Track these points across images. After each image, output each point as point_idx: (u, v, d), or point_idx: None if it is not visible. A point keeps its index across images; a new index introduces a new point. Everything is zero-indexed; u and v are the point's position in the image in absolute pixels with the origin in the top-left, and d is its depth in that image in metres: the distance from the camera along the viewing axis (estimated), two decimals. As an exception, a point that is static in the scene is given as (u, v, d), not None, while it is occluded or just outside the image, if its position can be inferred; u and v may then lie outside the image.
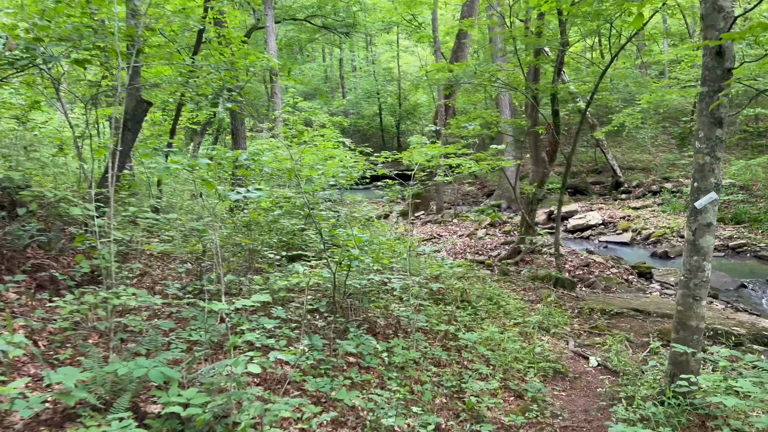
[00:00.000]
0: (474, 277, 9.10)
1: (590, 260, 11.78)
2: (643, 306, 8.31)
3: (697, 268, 4.54)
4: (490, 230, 14.55)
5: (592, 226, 16.21)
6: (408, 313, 5.36)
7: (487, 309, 7.29)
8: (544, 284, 9.43)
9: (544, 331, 6.89)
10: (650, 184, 19.10)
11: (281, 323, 5.14)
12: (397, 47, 30.86)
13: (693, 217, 4.53)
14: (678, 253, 13.22)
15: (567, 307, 8.22)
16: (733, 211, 14.81)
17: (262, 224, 7.86)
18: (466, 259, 12.30)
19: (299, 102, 13.02)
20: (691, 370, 4.59)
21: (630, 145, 23.43)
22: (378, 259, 4.60)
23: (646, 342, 6.83)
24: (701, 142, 4.49)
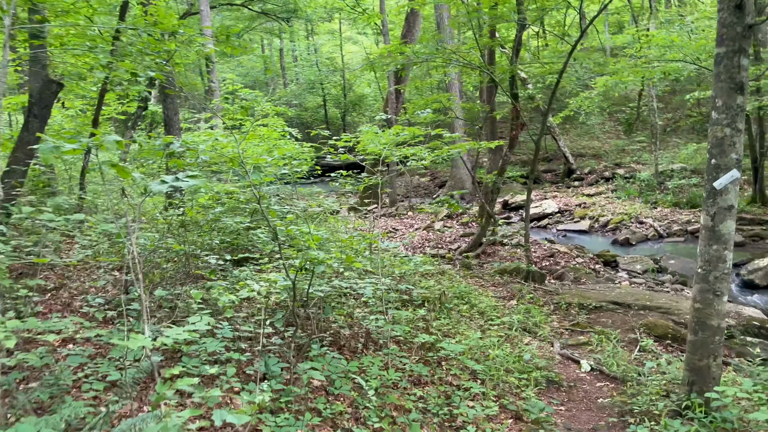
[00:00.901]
0: (440, 274, 8.38)
1: (554, 250, 11.29)
2: (621, 298, 7.79)
3: (718, 258, 3.91)
4: (447, 222, 13.89)
5: (549, 215, 15.82)
6: (381, 324, 4.54)
7: (460, 309, 6.56)
8: (513, 278, 8.80)
9: (525, 332, 6.21)
10: (602, 171, 18.96)
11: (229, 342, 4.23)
12: (339, 36, 29.84)
13: (711, 199, 3.90)
14: (639, 239, 12.95)
15: (542, 302, 7.59)
16: (688, 196, 14.70)
17: (201, 224, 6.88)
18: (425, 253, 11.58)
19: (239, 89, 11.94)
20: (712, 377, 3.97)
21: (578, 132, 23.36)
22: (350, 262, 3.76)
23: (633, 339, 6.27)
24: (719, 112, 3.85)
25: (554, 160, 21.50)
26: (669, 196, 15.12)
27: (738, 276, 10.03)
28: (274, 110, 14.05)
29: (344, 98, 29.62)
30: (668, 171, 16.52)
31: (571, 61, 10.00)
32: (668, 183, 15.85)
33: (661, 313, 7.13)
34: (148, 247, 5.57)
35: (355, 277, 4.72)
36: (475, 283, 8.54)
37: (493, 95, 11.29)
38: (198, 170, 7.40)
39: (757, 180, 13.05)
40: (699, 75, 20.26)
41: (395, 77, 14.44)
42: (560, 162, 20.48)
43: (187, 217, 6.45)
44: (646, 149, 19.44)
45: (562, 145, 19.37)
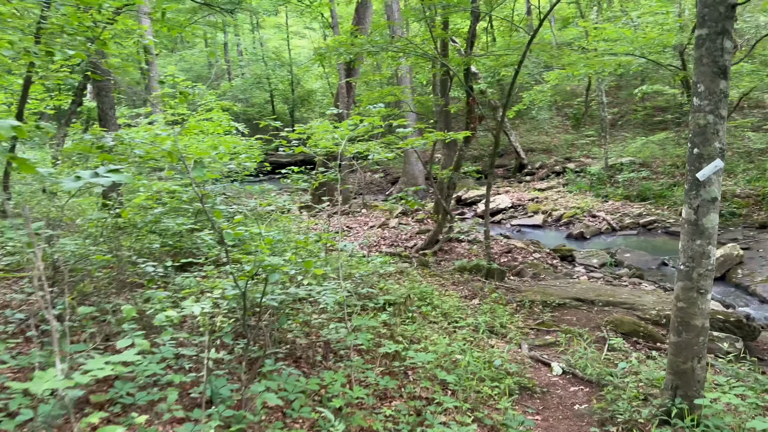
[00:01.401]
0: (400, 274, 8.02)
1: (512, 246, 11.12)
2: (583, 294, 7.62)
3: (702, 254, 3.67)
4: (403, 219, 13.56)
5: (503, 210, 15.74)
6: (342, 334, 4.12)
7: (423, 311, 6.21)
8: (473, 276, 8.52)
9: (491, 334, 5.91)
10: (553, 165, 19.06)
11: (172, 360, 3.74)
12: (286, 30, 29.07)
13: (694, 191, 3.66)
14: (593, 233, 12.96)
15: (505, 300, 7.33)
16: (638, 189, 14.87)
17: (139, 226, 6.29)
18: (380, 251, 11.21)
19: (180, 82, 11.25)
20: (697, 380, 3.74)
21: (528, 127, 23.50)
22: (308, 267, 3.32)
23: (600, 337, 6.07)
24: (701, 98, 3.61)
25: (506, 155, 21.52)
26: (619, 189, 15.27)
27: (692, 268, 10.10)
28: (219, 105, 13.37)
29: (292, 93, 28.89)
30: (618, 165, 16.72)
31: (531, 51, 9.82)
32: (618, 176, 16.03)
33: (626, 309, 6.98)
34: (77, 254, 4.97)
35: (313, 282, 4.28)
36: (435, 282, 8.22)
37: (447, 89, 11.01)
38: (134, 167, 6.78)
39: (705, 172, 13.27)
40: (644, 70, 20.68)
41: (346, 70, 13.98)
42: (512, 157, 20.50)
43: (123, 219, 5.87)
44: (595, 143, 19.68)
45: (513, 139, 19.38)
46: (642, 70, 20.58)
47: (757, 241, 10.88)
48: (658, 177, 15.47)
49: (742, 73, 11.62)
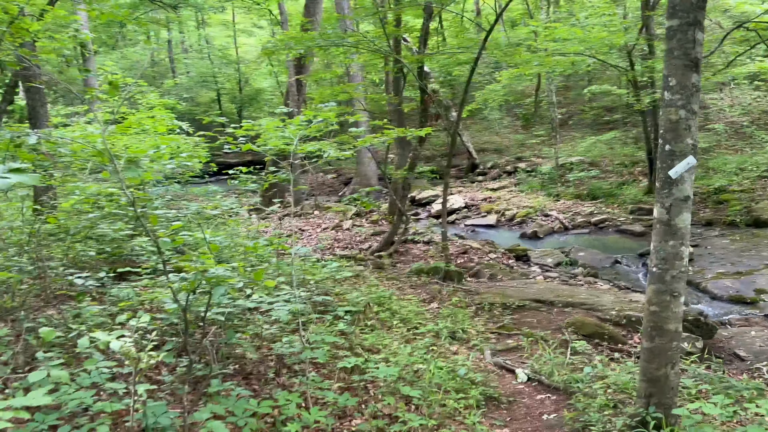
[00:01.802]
0: (355, 277, 7.71)
1: (467, 246, 10.98)
2: (542, 295, 7.50)
3: (675, 255, 3.52)
4: (357, 221, 13.25)
5: (456, 210, 15.64)
6: (296, 348, 3.78)
7: (381, 318, 5.93)
8: (431, 278, 8.30)
9: (453, 340, 5.68)
10: (504, 165, 19.15)
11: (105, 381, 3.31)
12: (233, 27, 28.28)
13: (666, 189, 3.50)
14: (546, 232, 12.99)
15: (465, 303, 7.12)
16: (588, 188, 15.05)
17: (71, 233, 5.77)
18: (334, 254, 10.87)
19: (119, 78, 10.61)
20: (671, 387, 3.59)
21: (479, 127, 23.59)
22: (258, 279, 2.98)
23: (563, 340, 5.93)
24: (672, 92, 3.45)
25: (458, 155, 21.46)
26: (570, 188, 15.42)
27: (644, 266, 10.19)
28: (161, 103, 12.71)
29: (240, 92, 28.14)
30: (568, 164, 16.91)
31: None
32: (569, 176, 16.19)
33: (585, 309, 6.89)
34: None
35: (264, 294, 3.93)
36: (393, 286, 7.95)
37: (400, 87, 10.77)
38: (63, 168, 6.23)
39: (653, 171, 13.50)
40: (591, 71, 21.05)
41: (296, 68, 13.56)
42: (464, 157, 20.49)
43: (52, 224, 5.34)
44: (545, 143, 19.89)
45: (465, 140, 19.37)
46: (589, 71, 20.97)
47: (704, 238, 11.11)
48: (607, 176, 15.71)
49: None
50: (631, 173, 15.46)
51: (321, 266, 6.24)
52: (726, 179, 13.46)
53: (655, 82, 12.97)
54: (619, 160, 16.47)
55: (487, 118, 23.08)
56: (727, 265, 9.55)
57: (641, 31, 12.55)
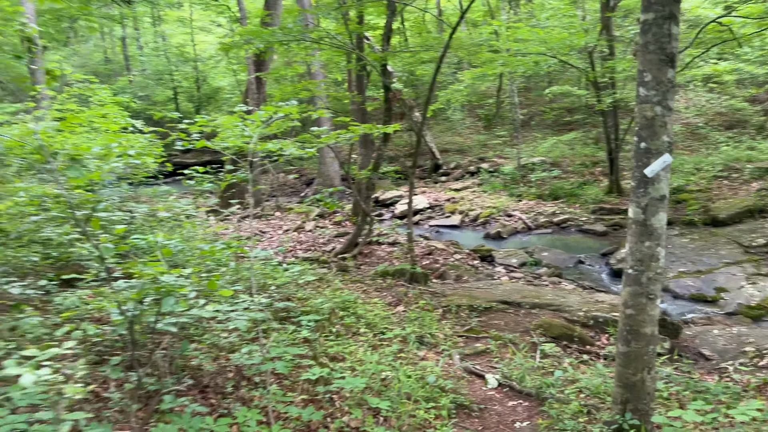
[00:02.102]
0: (319, 281, 7.47)
1: (432, 247, 10.84)
2: (508, 296, 7.40)
3: (651, 256, 3.42)
4: (319, 222, 12.97)
5: (420, 211, 15.52)
6: (256, 360, 3.53)
7: (346, 323, 5.70)
8: (396, 280, 8.11)
9: (421, 345, 5.50)
10: (467, 165, 19.13)
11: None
12: (191, 23, 27.54)
13: (642, 188, 3.39)
14: (510, 232, 12.98)
15: (430, 305, 6.96)
16: (550, 188, 15.13)
17: (11, 237, 5.38)
18: (297, 257, 10.58)
19: (69, 74, 10.09)
20: (647, 392, 3.48)
21: (442, 128, 23.57)
22: (213, 289, 2.72)
23: (531, 342, 5.82)
24: (648, 88, 3.35)
25: (421, 155, 21.39)
26: (533, 188, 15.48)
27: (607, 265, 10.24)
28: (114, 100, 12.19)
29: (198, 91, 27.42)
30: (530, 164, 16.99)
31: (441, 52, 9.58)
32: (531, 176, 16.26)
33: (552, 311, 6.81)
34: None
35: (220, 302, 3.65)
36: (357, 289, 7.74)
37: (363, 85, 10.55)
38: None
39: (613, 171, 13.67)
40: (550, 72, 21.27)
41: (256, 65, 13.19)
42: (427, 157, 20.41)
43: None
44: (507, 143, 19.98)
45: (429, 140, 19.28)
46: (550, 73, 21.19)
47: (664, 237, 11.24)
48: (568, 176, 15.84)
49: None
50: (592, 173, 15.62)
51: (282, 270, 5.96)
52: (683, 179, 13.72)
53: (615, 83, 13.12)
54: (580, 160, 16.65)
55: (450, 118, 23.08)
56: (687, 264, 9.67)
57: (601, 32, 12.67)
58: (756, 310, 7.96)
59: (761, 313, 7.91)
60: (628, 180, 14.63)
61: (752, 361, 5.65)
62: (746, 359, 5.84)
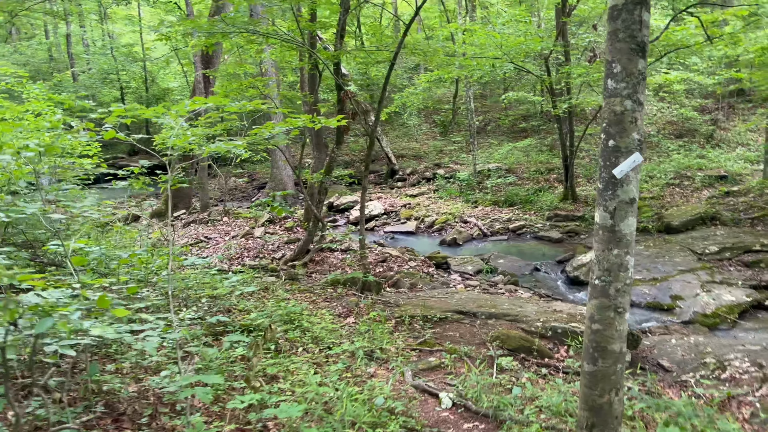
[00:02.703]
0: (263, 290, 6.98)
1: (387, 254, 10.46)
2: (464, 305, 7.07)
3: (619, 265, 3.10)
4: (269, 228, 12.41)
5: (376, 217, 15.15)
6: (175, 386, 3.04)
7: (289, 337, 5.24)
8: (348, 290, 7.69)
9: (370, 360, 5.08)
10: (423, 171, 18.89)
11: None
12: (139, 21, 26.47)
13: (610, 191, 3.07)
14: (465, 239, 12.72)
15: (382, 316, 6.56)
16: (506, 194, 14.99)
17: None
18: (244, 264, 10.02)
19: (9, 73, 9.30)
20: (615, 416, 3.16)
21: (398, 133, 23.33)
22: (104, 307, 2.24)
23: (488, 356, 5.49)
24: (617, 80, 3.04)
25: (377, 160, 21.08)
26: (488, 195, 15.31)
27: (563, 273, 10.07)
28: (50, 97, 11.39)
29: (146, 92, 26.35)
30: (485, 170, 16.85)
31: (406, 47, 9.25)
32: (486, 182, 16.11)
33: (509, 321, 6.51)
34: None
35: (137, 316, 3.15)
36: (306, 299, 7.28)
37: (316, 85, 10.11)
38: None
39: (568, 177, 13.61)
40: (506, 79, 21.28)
41: (203, 62, 12.59)
42: (383, 163, 20.09)
43: None
44: (463, 150, 19.84)
45: (384, 144, 18.96)
46: (506, 79, 21.21)
47: (619, 245, 11.17)
48: (523, 183, 15.75)
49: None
50: (546, 180, 15.57)
51: (220, 280, 5.46)
52: (636, 186, 13.76)
53: (570, 89, 13.06)
54: (535, 167, 16.61)
55: (406, 124, 22.86)
56: (642, 272, 9.57)
57: (557, 38, 12.60)
58: (711, 318, 7.87)
59: (717, 322, 7.83)
60: (583, 187, 14.62)
61: (714, 374, 5.46)
62: (707, 371, 5.66)
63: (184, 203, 14.52)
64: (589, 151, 16.38)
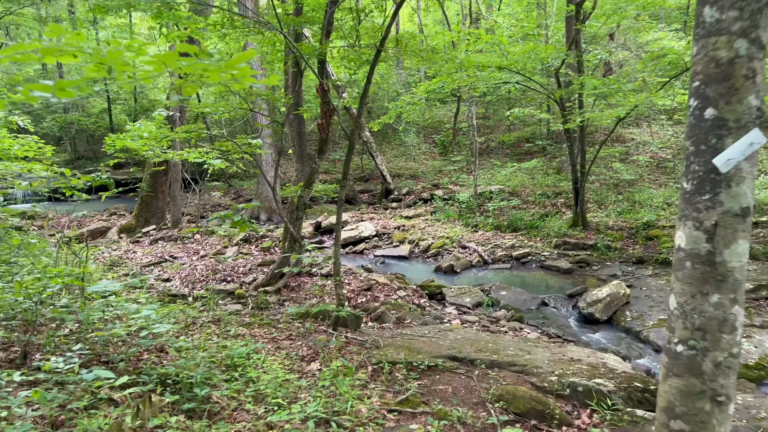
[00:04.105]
0: (213, 324, 5.68)
1: (372, 282, 9.14)
2: (459, 348, 5.74)
3: (721, 322, 1.81)
4: (244, 247, 11.11)
5: (366, 239, 13.86)
6: None
7: (225, 393, 3.92)
8: (318, 324, 6.36)
9: (327, 425, 3.75)
10: (420, 192, 17.65)
11: None
12: (130, 30, 25.51)
13: (707, 193, 1.81)
14: (464, 266, 11.40)
15: (356, 361, 5.23)
16: (509, 218, 13.72)
17: None
18: (208, 289, 8.71)
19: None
20: None
21: (395, 152, 22.18)
22: None
23: (488, 424, 4.15)
24: (721, 7, 1.79)
25: (371, 179, 19.89)
26: (490, 218, 14.04)
27: (575, 309, 8.75)
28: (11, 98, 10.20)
29: (135, 102, 25.26)
30: (487, 192, 15.62)
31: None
32: (488, 205, 14.85)
33: (515, 372, 5.18)
34: None
35: None
36: (266, 335, 5.96)
37: (298, 84, 8.92)
38: None
39: (579, 202, 12.35)
40: (511, 97, 20.16)
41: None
42: (377, 182, 18.88)
43: None
44: (464, 170, 18.64)
45: (379, 162, 17.74)
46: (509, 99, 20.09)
47: (638, 278, 9.86)
48: (528, 206, 14.49)
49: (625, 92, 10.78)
50: (554, 204, 14.31)
51: (137, 310, 4.13)
52: (653, 213, 12.51)
53: (583, 103, 11.88)
54: (541, 190, 15.37)
55: (404, 143, 21.70)
56: (666, 310, 8.25)
57: (569, 47, 11.45)
58: (755, 370, 6.55)
59: (762, 375, 6.51)
60: (594, 213, 13.36)
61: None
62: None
63: (156, 218, 13.23)
64: (600, 175, 15.15)
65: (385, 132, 23.56)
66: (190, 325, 5.78)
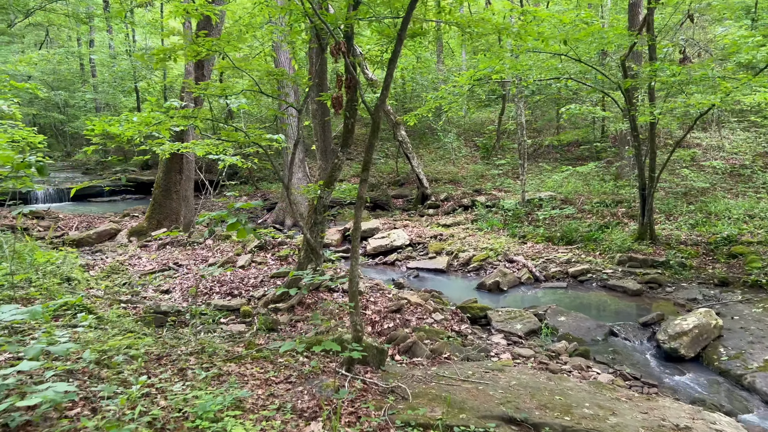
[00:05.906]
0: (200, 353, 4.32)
1: (403, 301, 7.65)
2: (514, 401, 4.23)
3: None
4: (258, 255, 9.79)
5: (398, 248, 12.40)
6: None
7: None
8: (329, 361, 4.92)
9: None
10: (460, 197, 16.08)
11: None
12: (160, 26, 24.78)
13: None
14: (511, 283, 9.80)
15: (374, 424, 3.75)
16: (562, 229, 12.05)
17: None
18: (209, 303, 7.40)
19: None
20: None
21: (433, 156, 20.69)
22: None
23: None
24: None
25: (406, 183, 18.43)
26: (540, 228, 12.40)
27: (653, 341, 7.09)
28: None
29: (165, 100, 24.51)
30: (536, 200, 13.97)
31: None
32: (537, 213, 13.21)
33: (600, 446, 3.64)
34: None
35: None
36: (258, 375, 4.53)
37: (319, 63, 7.54)
38: None
39: (646, 212, 10.60)
40: (559, 99, 18.44)
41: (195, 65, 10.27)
42: (413, 186, 17.41)
43: None
44: (509, 174, 17.03)
45: (415, 164, 16.26)
46: (559, 99, 18.36)
47: (725, 305, 8.11)
48: (584, 216, 12.78)
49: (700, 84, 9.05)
50: (614, 214, 12.56)
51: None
52: (735, 227, 10.68)
53: (654, 95, 10.18)
54: (599, 198, 13.63)
55: (443, 145, 20.19)
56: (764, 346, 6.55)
57: (640, 30, 9.80)
58: None
59: None
60: (662, 224, 11.58)
61: None
62: None
63: (170, 220, 12.06)
64: (666, 182, 13.32)
65: (422, 133, 22.09)
66: (162, 358, 4.43)
